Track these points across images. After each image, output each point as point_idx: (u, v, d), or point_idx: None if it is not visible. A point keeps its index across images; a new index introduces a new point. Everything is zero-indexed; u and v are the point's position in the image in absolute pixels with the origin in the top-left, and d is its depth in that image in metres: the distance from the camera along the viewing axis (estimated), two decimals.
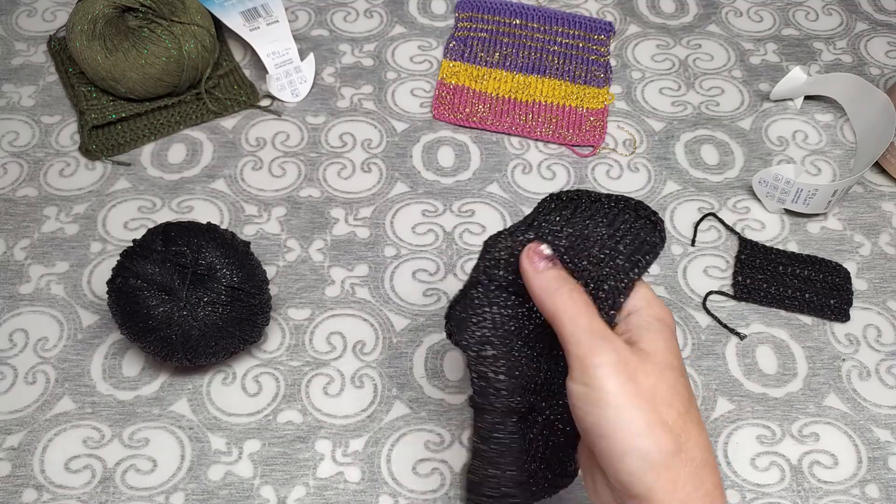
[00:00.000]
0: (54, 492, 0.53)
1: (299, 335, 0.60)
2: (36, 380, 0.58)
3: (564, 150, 0.73)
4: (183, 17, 0.69)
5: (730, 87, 0.78)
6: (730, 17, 0.84)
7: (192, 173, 0.69)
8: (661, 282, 0.64)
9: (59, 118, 0.72)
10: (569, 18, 0.82)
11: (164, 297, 0.53)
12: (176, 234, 0.55)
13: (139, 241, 0.55)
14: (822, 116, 0.76)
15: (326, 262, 0.64)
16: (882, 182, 0.72)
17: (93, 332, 0.60)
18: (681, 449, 0.37)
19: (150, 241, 0.55)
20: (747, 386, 0.60)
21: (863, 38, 0.83)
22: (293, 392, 0.58)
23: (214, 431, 0.56)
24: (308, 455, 0.55)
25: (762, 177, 0.67)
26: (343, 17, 0.82)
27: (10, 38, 0.78)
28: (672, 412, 0.38)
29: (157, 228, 0.56)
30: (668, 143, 0.73)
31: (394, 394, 0.58)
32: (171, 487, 0.54)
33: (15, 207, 0.66)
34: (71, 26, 0.69)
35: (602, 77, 0.77)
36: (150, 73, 0.68)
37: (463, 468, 0.53)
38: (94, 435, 0.55)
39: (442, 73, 0.77)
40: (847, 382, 0.60)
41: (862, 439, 0.57)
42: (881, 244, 0.68)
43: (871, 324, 0.63)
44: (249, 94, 0.74)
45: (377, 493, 0.54)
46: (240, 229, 0.66)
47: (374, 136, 0.72)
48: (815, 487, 0.55)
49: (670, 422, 0.38)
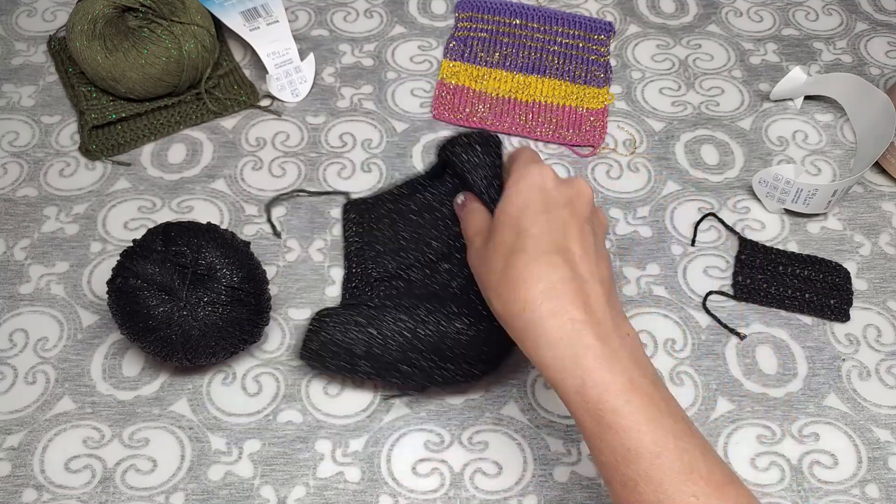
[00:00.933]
0: (54, 492, 0.53)
1: (299, 335, 0.60)
2: (36, 380, 0.58)
3: (564, 150, 0.73)
4: (183, 17, 0.69)
5: (730, 87, 0.78)
6: (730, 17, 0.84)
7: (192, 173, 0.69)
8: (661, 282, 0.64)
9: (59, 118, 0.72)
10: (569, 18, 0.82)
11: (164, 297, 0.53)
12: (176, 234, 0.55)
13: (139, 241, 0.55)
14: (822, 116, 0.76)
15: (326, 262, 0.64)
16: (882, 182, 0.72)
17: (93, 332, 0.60)
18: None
19: (150, 241, 0.55)
20: (747, 386, 0.60)
21: (863, 38, 0.83)
22: (293, 392, 0.58)
23: (214, 431, 0.56)
24: (308, 455, 0.55)
25: (762, 177, 0.67)
26: (343, 17, 0.82)
27: (10, 38, 0.79)
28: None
29: (157, 228, 0.56)
30: (668, 143, 0.73)
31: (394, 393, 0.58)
32: (171, 487, 0.54)
33: (15, 207, 0.66)
34: (71, 26, 0.69)
35: (602, 77, 0.77)
36: (150, 73, 0.68)
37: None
38: (94, 435, 0.55)
39: (442, 73, 0.77)
40: (847, 382, 0.60)
41: (862, 439, 0.57)
42: (881, 244, 0.68)
43: (871, 324, 0.63)
44: (249, 94, 0.74)
45: (377, 493, 0.54)
46: (240, 229, 0.66)
47: (374, 136, 0.72)
48: (815, 487, 0.55)
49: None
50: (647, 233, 0.67)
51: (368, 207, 0.65)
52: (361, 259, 0.62)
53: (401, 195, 0.64)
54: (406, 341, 0.54)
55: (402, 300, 0.56)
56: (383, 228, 0.63)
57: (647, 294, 0.64)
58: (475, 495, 0.54)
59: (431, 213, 0.61)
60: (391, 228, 0.63)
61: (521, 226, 0.47)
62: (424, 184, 0.62)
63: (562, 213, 0.47)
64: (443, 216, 0.61)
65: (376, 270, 0.62)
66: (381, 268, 0.62)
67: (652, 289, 0.64)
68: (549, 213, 0.47)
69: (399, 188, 0.64)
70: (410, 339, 0.54)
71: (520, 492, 0.55)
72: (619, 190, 0.70)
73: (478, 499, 0.54)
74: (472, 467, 0.55)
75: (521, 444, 0.56)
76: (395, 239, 0.62)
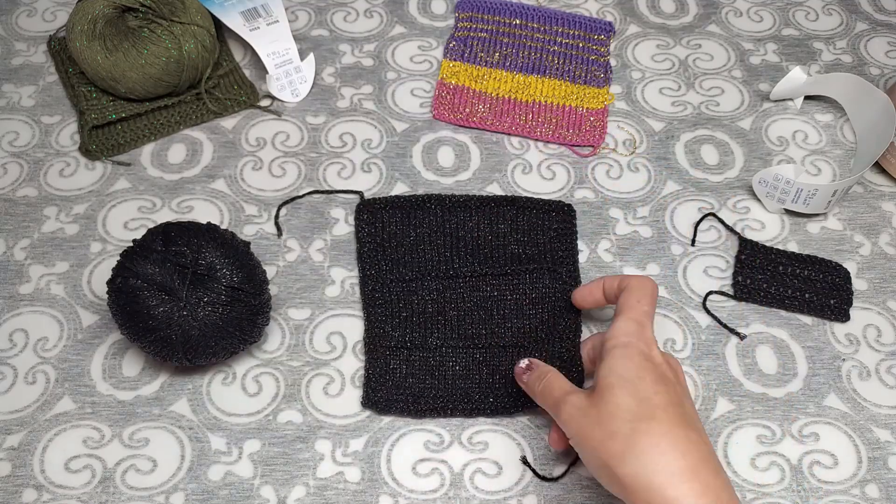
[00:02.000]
0: (54, 492, 0.53)
1: (299, 335, 0.60)
2: (36, 380, 0.58)
3: (564, 150, 0.73)
4: (183, 17, 0.69)
5: (730, 87, 0.78)
6: (730, 17, 0.84)
7: (192, 173, 0.69)
8: (662, 282, 0.64)
9: (59, 118, 0.72)
10: (569, 18, 0.82)
11: (164, 297, 0.53)
12: (176, 234, 0.55)
13: (139, 241, 0.55)
14: (822, 116, 0.76)
15: (326, 262, 0.64)
16: (882, 182, 0.72)
17: (93, 332, 0.60)
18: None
19: (150, 241, 0.55)
20: (747, 386, 0.60)
21: (863, 38, 0.83)
22: (293, 392, 0.58)
23: (214, 431, 0.56)
24: (308, 455, 0.55)
25: (762, 177, 0.67)
26: (343, 17, 0.82)
27: (10, 38, 0.78)
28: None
29: (157, 228, 0.56)
30: (668, 143, 0.73)
31: None
32: (171, 487, 0.54)
33: (15, 207, 0.66)
34: (71, 26, 0.69)
35: (602, 77, 0.77)
36: (150, 73, 0.68)
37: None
38: (94, 435, 0.55)
39: (442, 73, 0.77)
40: (847, 382, 0.60)
41: (862, 439, 0.57)
42: (881, 244, 0.68)
43: (871, 324, 0.63)
44: (249, 94, 0.74)
45: (377, 493, 0.54)
46: (240, 229, 0.66)
47: (374, 136, 0.72)
48: (815, 487, 0.55)
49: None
50: (647, 233, 0.67)
51: (382, 208, 0.65)
52: (375, 261, 0.63)
53: (418, 203, 0.65)
54: (461, 374, 0.58)
55: (448, 333, 0.60)
56: (397, 232, 0.64)
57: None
58: (475, 495, 0.54)
59: (452, 230, 0.64)
60: (408, 233, 0.64)
61: (641, 393, 0.47)
62: (450, 202, 0.65)
63: (676, 387, 0.48)
64: (466, 236, 0.64)
65: (391, 273, 0.62)
66: (395, 272, 0.62)
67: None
68: (666, 385, 0.48)
69: (415, 196, 0.66)
70: (463, 372, 0.58)
71: (520, 492, 0.55)
72: (619, 190, 0.70)
73: (478, 499, 0.54)
74: (472, 467, 0.55)
75: (521, 444, 0.56)
76: (410, 244, 0.63)
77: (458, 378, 0.58)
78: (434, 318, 0.60)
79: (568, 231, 0.65)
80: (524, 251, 0.64)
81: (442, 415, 0.57)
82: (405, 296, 0.61)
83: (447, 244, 0.64)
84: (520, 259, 0.63)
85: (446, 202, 0.65)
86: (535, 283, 0.60)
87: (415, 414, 0.57)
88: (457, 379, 0.58)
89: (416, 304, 0.60)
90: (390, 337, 0.59)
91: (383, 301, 0.61)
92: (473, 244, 0.64)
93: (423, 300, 0.61)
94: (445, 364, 0.59)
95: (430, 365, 0.59)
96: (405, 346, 0.59)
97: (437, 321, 0.60)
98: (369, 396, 0.57)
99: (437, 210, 0.65)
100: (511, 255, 0.63)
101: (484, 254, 0.63)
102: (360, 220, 0.65)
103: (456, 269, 0.62)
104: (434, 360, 0.59)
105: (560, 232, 0.65)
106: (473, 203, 0.65)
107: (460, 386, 0.58)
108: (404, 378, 0.58)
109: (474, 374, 0.58)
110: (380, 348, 0.59)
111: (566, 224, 0.66)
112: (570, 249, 0.64)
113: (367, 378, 0.58)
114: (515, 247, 0.64)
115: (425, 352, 0.59)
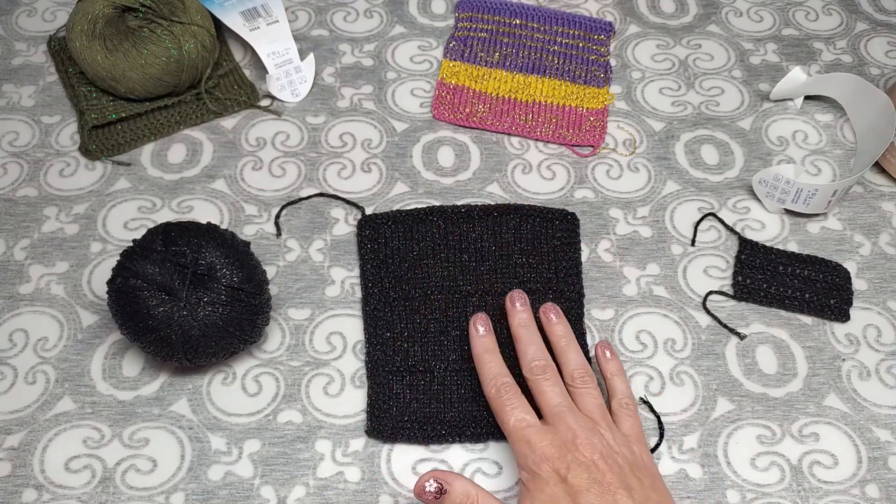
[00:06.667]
0: (54, 492, 0.53)
1: (299, 335, 0.61)
2: (36, 380, 0.58)
3: (564, 150, 0.73)
4: (183, 17, 0.69)
5: (730, 87, 0.78)
6: (730, 17, 0.84)
7: (192, 173, 0.69)
8: (661, 282, 0.64)
9: (59, 118, 0.72)
10: (569, 18, 0.82)
11: (164, 297, 0.53)
12: (176, 234, 0.55)
13: (139, 241, 0.55)
14: (822, 116, 0.76)
15: (326, 262, 0.64)
16: (882, 182, 0.72)
17: (93, 332, 0.60)
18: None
19: (150, 241, 0.55)
20: (747, 386, 0.60)
21: (863, 38, 0.83)
22: (293, 392, 0.58)
23: (214, 431, 0.56)
24: (308, 455, 0.55)
25: (762, 177, 0.67)
26: (343, 17, 0.82)
27: (10, 38, 0.79)
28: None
29: (157, 228, 0.56)
30: (668, 143, 0.73)
31: None
32: (171, 487, 0.54)
33: (15, 207, 0.66)
34: (71, 26, 0.69)
35: (602, 77, 0.78)
36: (150, 73, 0.68)
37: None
38: (94, 435, 0.56)
39: (442, 73, 0.77)
40: (847, 382, 0.60)
41: (862, 439, 0.57)
42: (881, 244, 0.68)
43: (871, 324, 0.63)
44: (249, 94, 0.74)
45: (377, 493, 0.54)
46: (240, 229, 0.66)
47: (374, 136, 0.72)
48: (815, 487, 0.55)
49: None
50: (647, 233, 0.67)
51: (384, 223, 0.64)
52: (378, 278, 0.62)
53: (420, 216, 0.64)
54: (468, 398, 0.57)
55: (452, 354, 0.59)
56: (400, 247, 0.63)
57: (647, 294, 0.64)
58: None
59: (456, 243, 0.63)
60: (411, 248, 0.63)
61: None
62: (452, 213, 0.64)
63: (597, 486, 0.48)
64: (469, 248, 0.63)
65: (394, 291, 0.61)
66: (399, 290, 0.61)
67: (652, 289, 0.64)
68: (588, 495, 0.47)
69: (417, 210, 0.65)
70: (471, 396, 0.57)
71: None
72: (619, 190, 0.70)
73: None
74: (472, 467, 0.55)
75: None
76: (413, 259, 0.63)
77: (465, 402, 0.57)
78: (437, 338, 0.59)
79: (571, 241, 0.65)
80: (528, 261, 0.63)
81: (450, 441, 0.56)
82: (407, 315, 0.60)
83: (450, 258, 0.62)
84: (524, 269, 0.62)
85: (449, 213, 0.64)
86: (539, 303, 0.59)
87: (422, 441, 0.56)
88: (464, 402, 0.57)
89: (418, 324, 0.60)
90: (392, 361, 0.58)
91: (385, 321, 0.60)
92: (477, 256, 0.63)
93: (425, 319, 0.60)
94: (450, 387, 0.57)
95: (434, 389, 0.57)
96: (408, 369, 0.58)
97: (439, 342, 0.59)
98: (373, 425, 0.56)
99: (439, 222, 0.64)
100: (515, 266, 0.62)
101: (488, 266, 0.62)
102: (363, 235, 0.64)
103: (460, 285, 0.61)
104: (438, 384, 0.57)
105: (564, 241, 0.64)
106: (476, 213, 0.64)
107: (468, 409, 0.57)
108: (408, 403, 0.57)
109: (481, 398, 0.55)
110: (382, 373, 0.58)
111: (569, 233, 0.65)
112: (574, 261, 0.64)
113: (371, 405, 0.57)
114: (519, 256, 0.63)
115: (429, 375, 0.58)
